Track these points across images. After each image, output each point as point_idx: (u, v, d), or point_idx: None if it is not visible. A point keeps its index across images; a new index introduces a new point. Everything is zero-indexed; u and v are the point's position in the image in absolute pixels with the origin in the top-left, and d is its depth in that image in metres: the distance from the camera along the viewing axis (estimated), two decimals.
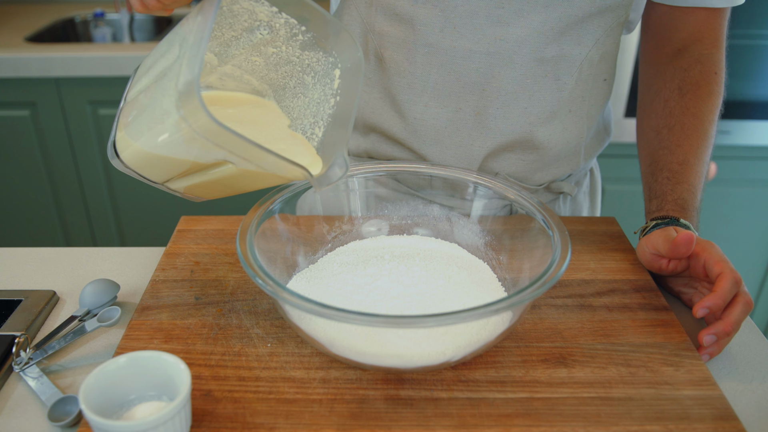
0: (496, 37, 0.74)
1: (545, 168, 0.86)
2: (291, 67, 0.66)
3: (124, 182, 1.78)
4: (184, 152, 0.55)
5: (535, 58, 0.75)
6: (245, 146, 0.52)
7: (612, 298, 0.72)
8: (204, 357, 0.62)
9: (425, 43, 0.76)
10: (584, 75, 0.80)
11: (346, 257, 0.70)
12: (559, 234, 0.63)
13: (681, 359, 0.63)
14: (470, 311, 0.52)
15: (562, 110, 0.81)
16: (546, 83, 0.78)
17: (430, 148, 0.83)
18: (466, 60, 0.76)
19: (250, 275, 0.56)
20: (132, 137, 0.58)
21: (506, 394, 0.59)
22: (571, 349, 0.64)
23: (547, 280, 0.56)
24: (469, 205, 0.76)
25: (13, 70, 1.62)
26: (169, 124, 0.52)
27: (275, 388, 0.59)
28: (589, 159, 0.91)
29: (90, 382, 0.52)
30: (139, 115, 0.57)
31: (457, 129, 0.81)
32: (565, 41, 0.75)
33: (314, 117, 0.66)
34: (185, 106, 0.49)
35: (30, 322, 0.69)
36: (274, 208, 0.68)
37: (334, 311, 0.52)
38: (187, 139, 0.52)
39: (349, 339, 0.57)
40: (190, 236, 0.82)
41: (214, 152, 0.54)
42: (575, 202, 0.97)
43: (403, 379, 0.60)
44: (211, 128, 0.50)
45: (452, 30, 0.74)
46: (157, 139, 0.55)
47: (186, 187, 0.62)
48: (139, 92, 0.59)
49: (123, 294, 0.75)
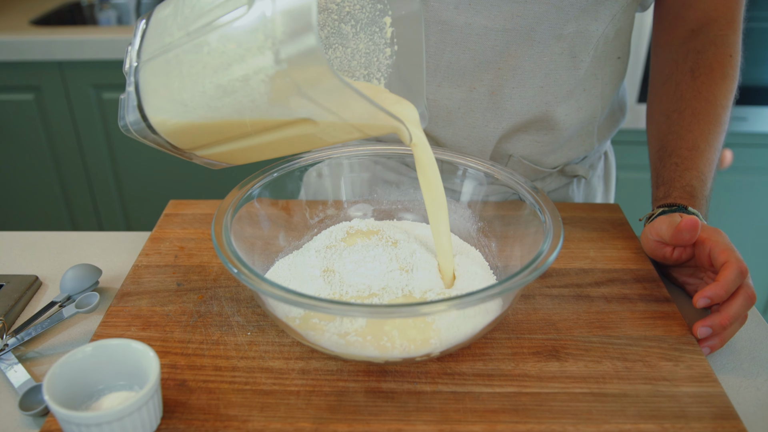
0: (513, 13, 0.71)
1: (559, 150, 0.84)
2: (326, 15, 0.61)
3: (128, 165, 1.76)
4: (259, 111, 0.48)
5: (553, 35, 0.72)
6: (357, 101, 0.47)
7: (611, 288, 0.69)
8: (181, 345, 0.60)
9: (438, 20, 0.73)
10: (599, 52, 0.77)
11: (330, 242, 0.68)
12: (551, 219, 0.59)
13: (681, 354, 0.60)
14: (451, 300, 0.49)
15: (578, 89, 0.78)
16: (562, 61, 0.75)
17: (442, 130, 0.80)
18: (482, 37, 0.73)
19: (223, 261, 0.54)
20: (173, 101, 0.51)
21: (493, 389, 0.56)
22: (564, 341, 0.61)
23: (537, 267, 0.53)
24: (459, 190, 0.73)
25: (17, 53, 1.60)
26: (247, 79, 0.46)
27: (252, 379, 0.56)
28: (603, 140, 0.89)
29: (55, 372, 0.50)
30: (183, 73, 0.50)
31: (471, 110, 0.78)
32: (583, 17, 0.72)
33: (367, 69, 0.62)
34: (298, 57, 0.43)
35: (9, 308, 0.68)
36: (253, 192, 0.65)
37: (304, 299, 0.49)
38: (279, 95, 0.46)
39: (324, 329, 0.55)
40: (176, 220, 0.80)
41: (304, 110, 0.48)
42: (589, 186, 0.94)
43: (386, 371, 0.57)
44: (333, 84, 0.44)
45: (467, 6, 0.71)
46: (221, 100, 0.48)
47: (223, 152, 0.57)
48: (172, 47, 0.51)
49: (105, 279, 0.73)
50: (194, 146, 0.57)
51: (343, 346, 0.54)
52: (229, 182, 1.75)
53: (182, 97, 0.51)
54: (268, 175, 0.67)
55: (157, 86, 0.53)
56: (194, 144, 0.57)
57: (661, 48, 0.84)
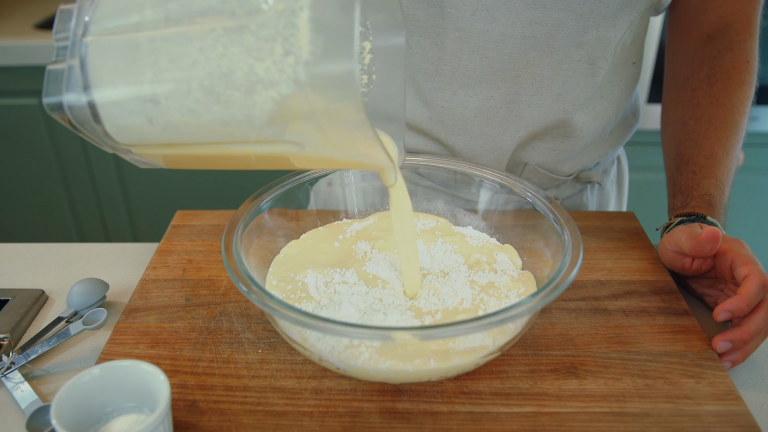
0: (533, 20, 0.69)
1: (575, 157, 0.83)
2: None
3: (134, 170, 1.75)
4: (250, 128, 0.43)
5: (573, 43, 0.71)
6: (366, 141, 0.42)
7: (629, 301, 0.67)
8: (191, 364, 0.59)
9: (455, 27, 0.71)
10: (617, 59, 0.76)
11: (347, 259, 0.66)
12: (570, 234, 0.58)
13: (703, 370, 0.58)
14: (466, 323, 0.47)
15: (595, 96, 0.77)
16: (580, 68, 0.73)
17: (457, 138, 0.79)
18: (500, 45, 0.71)
19: (234, 280, 0.52)
20: (139, 95, 0.45)
21: (511, 408, 0.54)
22: (583, 357, 0.60)
23: (557, 285, 0.52)
24: (475, 200, 0.71)
25: (21, 57, 1.59)
26: (251, 92, 0.41)
27: (264, 399, 0.55)
28: (617, 146, 0.87)
29: (63, 395, 0.49)
30: (161, 66, 0.43)
31: (488, 118, 0.76)
32: (603, 24, 0.71)
33: None
34: (325, 84, 0.38)
35: (15, 324, 0.67)
36: (263, 206, 0.64)
37: (312, 320, 0.48)
38: (284, 117, 0.41)
39: (337, 351, 0.53)
40: (184, 232, 0.78)
41: (302, 136, 0.43)
42: (603, 191, 0.93)
43: (401, 390, 0.56)
44: (357, 119, 0.39)
45: (485, 13, 0.69)
46: (209, 107, 0.43)
47: (172, 155, 0.51)
48: (143, 27, 0.43)
49: (112, 293, 0.72)
50: (142, 144, 0.49)
51: (356, 371, 0.53)
52: (236, 191, 1.75)
53: (153, 93, 0.44)
54: (279, 187, 0.66)
55: (117, 71, 0.45)
56: (143, 142, 0.49)
57: (676, 53, 0.82)
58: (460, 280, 0.62)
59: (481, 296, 0.60)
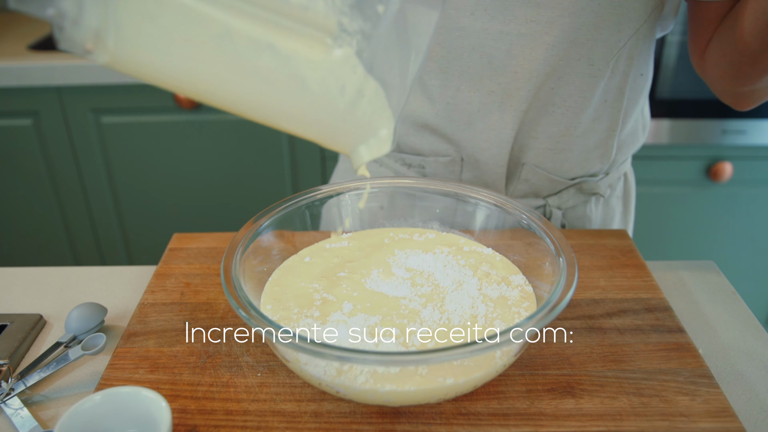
0: (527, 18, 0.73)
1: (575, 159, 0.85)
2: None
3: (129, 190, 1.75)
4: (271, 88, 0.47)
5: (567, 40, 0.74)
6: None
7: (623, 319, 0.68)
8: (191, 388, 0.59)
9: (457, 26, 0.75)
10: (621, 65, 0.78)
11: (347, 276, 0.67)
12: (565, 257, 0.59)
13: (697, 387, 0.59)
14: (461, 348, 0.48)
15: (598, 98, 0.80)
16: (579, 66, 0.77)
17: (462, 133, 0.83)
18: (497, 42, 0.75)
19: (233, 306, 0.53)
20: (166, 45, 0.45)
21: (509, 429, 0.55)
22: (579, 377, 0.60)
23: (552, 308, 0.52)
24: (472, 223, 0.72)
25: (15, 78, 1.60)
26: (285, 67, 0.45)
27: (264, 423, 0.56)
28: (623, 157, 0.90)
29: (64, 422, 0.49)
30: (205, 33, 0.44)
31: (489, 112, 0.80)
32: (604, 26, 0.73)
33: None
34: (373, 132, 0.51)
35: (14, 349, 0.67)
36: (261, 229, 0.64)
37: (307, 345, 0.48)
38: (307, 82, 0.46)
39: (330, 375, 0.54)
40: (181, 255, 0.79)
41: None
42: (608, 206, 0.94)
43: (400, 413, 0.57)
44: None
45: (483, 12, 0.73)
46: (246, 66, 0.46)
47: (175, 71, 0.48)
48: None
49: (111, 317, 0.72)
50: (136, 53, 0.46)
51: (352, 394, 0.53)
52: (233, 213, 1.75)
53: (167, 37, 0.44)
54: (277, 212, 0.66)
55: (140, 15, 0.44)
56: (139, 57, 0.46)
57: None
58: (471, 293, 0.63)
59: (489, 312, 0.61)
